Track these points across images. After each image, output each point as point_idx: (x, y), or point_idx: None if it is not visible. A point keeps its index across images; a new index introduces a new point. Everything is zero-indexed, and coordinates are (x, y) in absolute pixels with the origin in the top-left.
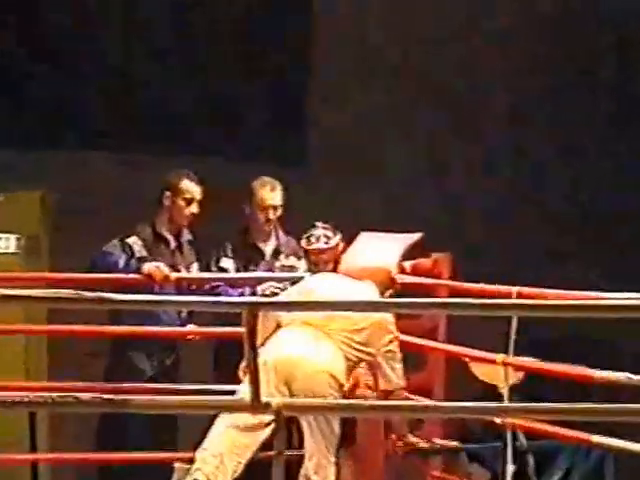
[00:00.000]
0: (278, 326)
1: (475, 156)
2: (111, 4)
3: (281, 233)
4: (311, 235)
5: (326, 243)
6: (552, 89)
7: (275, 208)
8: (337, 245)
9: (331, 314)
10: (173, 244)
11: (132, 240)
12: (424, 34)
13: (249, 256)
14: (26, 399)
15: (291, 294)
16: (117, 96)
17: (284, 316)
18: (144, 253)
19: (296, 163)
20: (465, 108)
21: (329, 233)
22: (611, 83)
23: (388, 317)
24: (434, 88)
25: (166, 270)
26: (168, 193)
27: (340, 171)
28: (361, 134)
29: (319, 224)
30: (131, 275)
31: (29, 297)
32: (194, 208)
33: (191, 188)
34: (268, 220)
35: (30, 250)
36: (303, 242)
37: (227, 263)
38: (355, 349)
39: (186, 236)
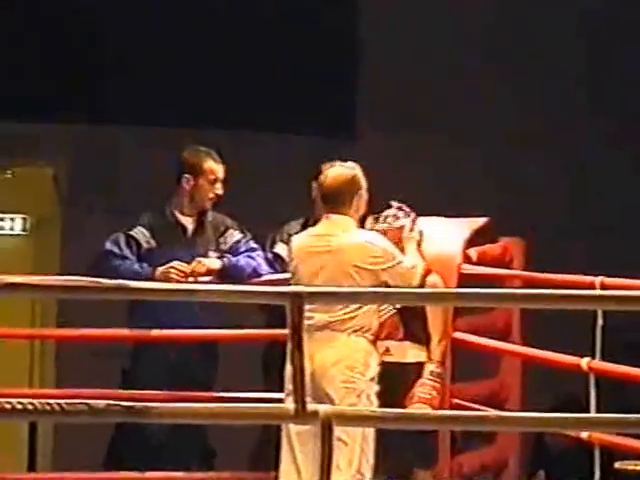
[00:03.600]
0: None
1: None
2: None
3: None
4: (379, 216)
5: (389, 224)
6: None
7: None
8: (402, 227)
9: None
10: (191, 229)
11: (137, 231)
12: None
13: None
14: (30, 406)
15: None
16: (141, 69)
17: None
18: (153, 244)
19: None
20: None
21: (400, 214)
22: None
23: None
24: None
25: (184, 267)
26: (188, 176)
27: None
28: None
29: (394, 203)
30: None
31: (39, 286)
32: (219, 189)
33: (215, 168)
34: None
35: (40, 232)
36: (370, 220)
37: (281, 249)
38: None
39: (211, 216)
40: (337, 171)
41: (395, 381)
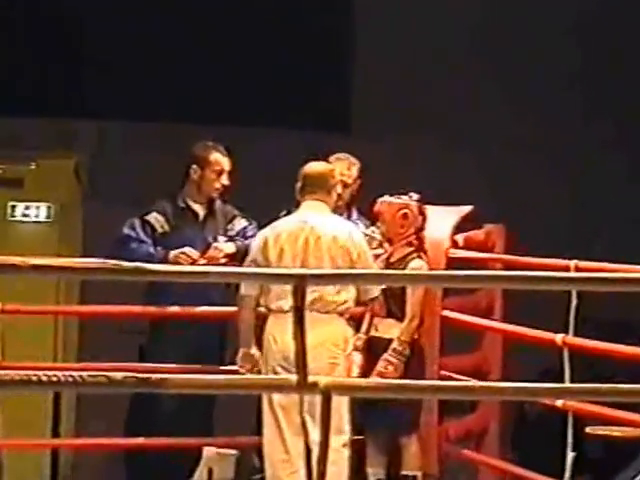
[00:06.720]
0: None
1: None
2: None
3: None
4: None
5: (408, 197)
6: None
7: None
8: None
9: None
10: (202, 215)
11: (152, 217)
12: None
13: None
14: (54, 378)
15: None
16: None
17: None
18: (167, 228)
19: None
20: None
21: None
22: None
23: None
24: None
25: (194, 253)
26: (196, 167)
27: None
28: None
29: (412, 194)
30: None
31: (62, 267)
32: (225, 180)
33: (221, 160)
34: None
35: (63, 219)
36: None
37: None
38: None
39: (219, 205)
40: (320, 163)
41: (378, 354)
